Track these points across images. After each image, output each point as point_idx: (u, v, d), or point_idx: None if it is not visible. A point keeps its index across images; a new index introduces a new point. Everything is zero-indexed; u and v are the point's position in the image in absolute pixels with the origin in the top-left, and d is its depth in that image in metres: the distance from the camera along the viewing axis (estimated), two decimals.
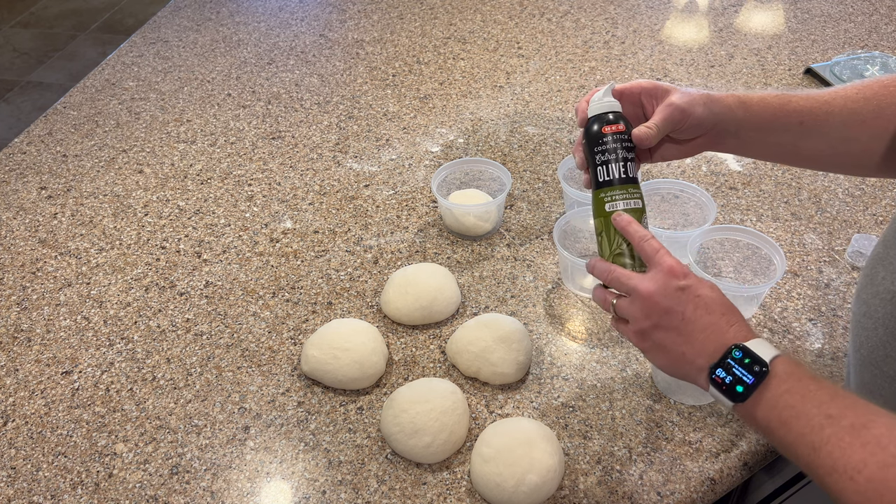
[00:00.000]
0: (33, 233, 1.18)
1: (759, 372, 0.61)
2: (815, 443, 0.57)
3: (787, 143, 0.79)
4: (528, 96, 1.44)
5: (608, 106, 0.77)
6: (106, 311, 1.04)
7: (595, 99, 0.78)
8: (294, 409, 0.90)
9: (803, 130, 0.77)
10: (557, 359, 0.95)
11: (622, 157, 0.76)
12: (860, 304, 0.72)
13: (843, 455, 0.55)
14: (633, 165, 0.76)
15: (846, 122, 0.76)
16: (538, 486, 0.77)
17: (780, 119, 0.77)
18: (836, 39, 1.56)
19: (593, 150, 0.77)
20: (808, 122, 0.77)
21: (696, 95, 0.76)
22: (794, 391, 0.60)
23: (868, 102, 0.75)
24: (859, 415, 0.57)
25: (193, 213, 1.20)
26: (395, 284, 0.99)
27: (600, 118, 0.77)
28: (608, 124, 0.76)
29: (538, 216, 1.16)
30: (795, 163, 0.87)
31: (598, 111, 0.77)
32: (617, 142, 0.76)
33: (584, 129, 0.79)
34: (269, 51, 1.62)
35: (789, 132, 0.78)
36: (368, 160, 1.29)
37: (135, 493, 0.83)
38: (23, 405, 0.93)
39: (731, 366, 0.63)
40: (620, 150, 0.76)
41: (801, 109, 0.77)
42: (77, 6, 4.04)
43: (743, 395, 0.62)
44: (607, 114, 0.77)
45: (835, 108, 0.76)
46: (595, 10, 1.72)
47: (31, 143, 1.37)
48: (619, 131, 0.76)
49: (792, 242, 1.09)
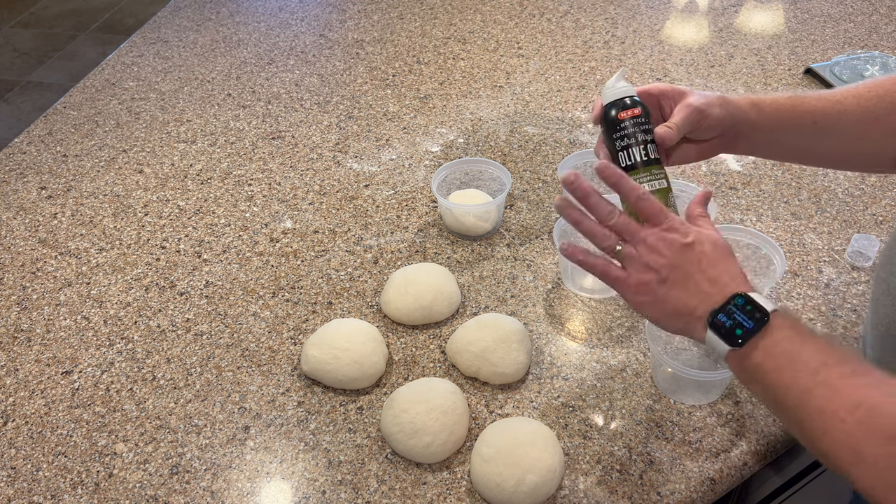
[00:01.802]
0: (33, 233, 1.18)
1: (759, 319, 0.62)
2: (808, 385, 0.58)
3: (801, 144, 0.80)
4: (528, 96, 1.44)
5: (623, 91, 0.77)
6: (106, 311, 1.04)
7: (608, 86, 0.78)
8: (294, 409, 0.90)
9: (817, 130, 0.78)
10: (557, 359, 0.95)
11: (642, 140, 0.76)
12: (879, 282, 0.74)
13: (836, 395, 0.56)
14: (653, 147, 0.76)
15: (860, 119, 0.77)
16: (538, 486, 0.77)
17: (793, 120, 0.78)
18: (836, 39, 1.56)
19: (613, 137, 0.77)
20: (822, 122, 0.78)
21: (712, 97, 0.77)
22: (792, 339, 0.61)
23: (881, 100, 0.76)
24: (855, 364, 0.57)
25: (193, 213, 1.20)
26: (395, 284, 0.99)
27: (616, 104, 0.77)
28: (624, 109, 0.77)
29: (538, 216, 1.16)
30: (809, 162, 0.88)
31: (613, 97, 0.78)
32: (636, 126, 0.76)
33: (602, 118, 0.79)
34: (269, 51, 1.62)
35: (803, 132, 0.78)
36: (368, 160, 1.29)
37: (135, 492, 0.83)
38: (23, 405, 0.93)
39: (733, 311, 0.63)
40: (640, 133, 0.76)
41: (814, 110, 0.78)
42: (77, 6, 4.04)
43: (741, 339, 0.62)
44: (623, 99, 0.77)
45: (848, 107, 0.77)
46: (595, 10, 1.72)
47: (31, 143, 1.37)
48: (636, 115, 0.76)
49: (792, 242, 1.09)
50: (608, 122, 0.77)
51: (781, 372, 0.60)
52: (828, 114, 0.78)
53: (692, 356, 0.92)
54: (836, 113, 0.78)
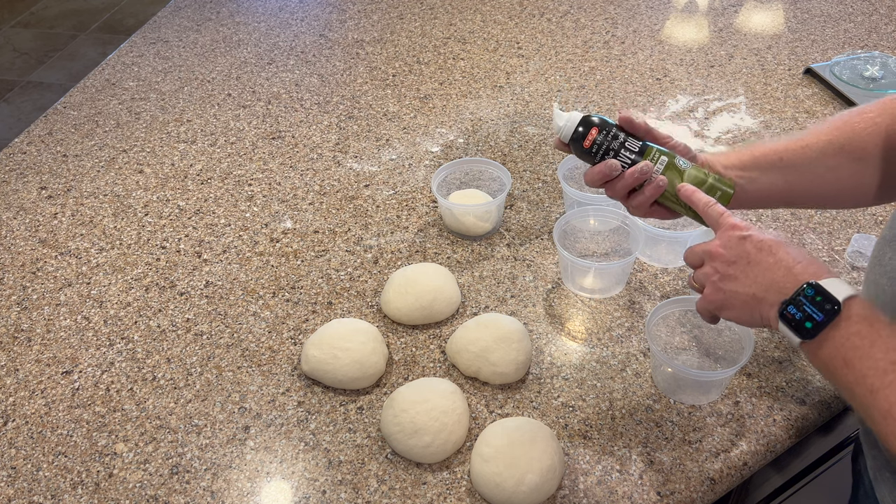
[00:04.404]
0: (33, 233, 1.18)
1: (830, 310, 0.61)
2: (875, 385, 0.57)
3: (778, 182, 0.81)
4: (528, 96, 1.44)
5: (572, 122, 0.81)
6: (106, 311, 1.04)
7: (558, 126, 0.81)
8: (294, 409, 0.90)
9: (784, 166, 0.80)
10: (557, 359, 0.95)
11: (618, 145, 0.79)
12: (869, 284, 0.74)
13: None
14: (632, 140, 0.79)
15: (824, 150, 0.80)
16: (538, 486, 0.77)
17: (757, 159, 0.81)
18: (835, 39, 1.56)
19: (597, 159, 0.80)
20: (788, 158, 0.80)
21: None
22: (863, 334, 0.60)
23: (840, 130, 0.80)
24: None
25: (193, 213, 1.20)
26: (395, 284, 0.99)
27: (575, 138, 0.81)
28: (585, 137, 0.80)
29: (538, 216, 1.16)
30: (799, 203, 0.90)
31: (569, 133, 0.81)
32: (605, 139, 0.79)
33: (576, 153, 0.82)
34: (269, 51, 1.62)
35: (774, 170, 0.80)
36: (368, 160, 1.29)
37: (135, 492, 0.83)
38: (23, 405, 0.93)
39: (802, 303, 0.63)
40: (612, 140, 0.79)
41: (776, 149, 0.81)
42: (77, 6, 4.04)
43: (811, 332, 0.62)
44: (577, 129, 0.80)
45: (809, 142, 0.80)
46: (595, 10, 1.72)
47: (31, 143, 1.37)
48: (597, 134, 0.80)
49: (792, 242, 1.09)
50: (583, 153, 0.81)
51: (850, 368, 0.60)
52: (791, 149, 0.80)
53: (692, 356, 0.92)
54: (798, 148, 0.80)
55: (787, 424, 0.86)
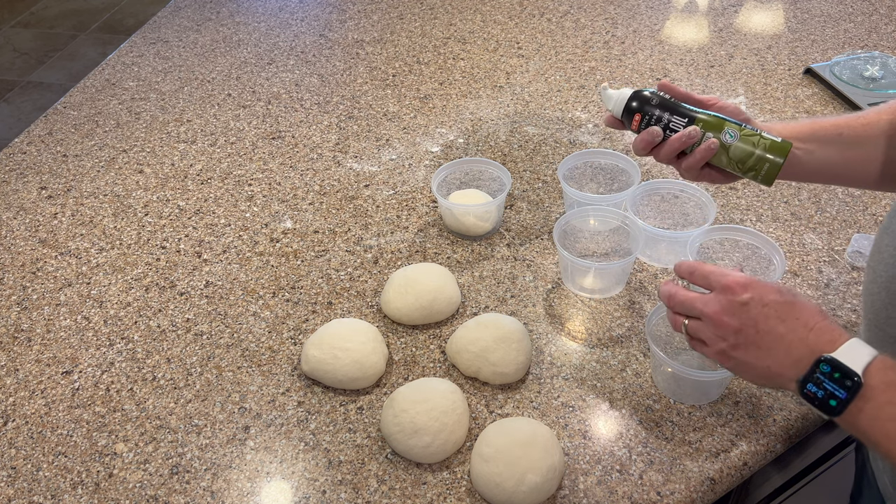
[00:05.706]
0: (33, 233, 1.18)
1: (851, 386, 0.59)
2: None
3: (834, 156, 0.80)
4: (528, 96, 1.44)
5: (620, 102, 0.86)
6: (106, 311, 1.04)
7: (611, 102, 0.86)
8: (294, 409, 0.90)
9: (844, 142, 0.79)
10: (557, 359, 0.95)
11: (668, 119, 0.83)
12: (869, 271, 0.74)
13: None
14: (681, 111, 0.83)
15: (886, 130, 0.79)
16: (538, 486, 0.77)
17: (816, 132, 0.80)
18: (835, 39, 1.56)
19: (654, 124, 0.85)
20: (848, 134, 0.79)
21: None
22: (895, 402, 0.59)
23: None
24: None
25: (193, 213, 1.20)
26: (395, 284, 0.99)
27: (627, 112, 0.86)
28: (635, 112, 0.85)
29: (538, 216, 1.16)
30: (850, 180, 0.88)
31: (621, 109, 0.86)
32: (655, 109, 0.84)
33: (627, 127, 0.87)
34: (269, 51, 1.62)
35: (833, 144, 0.80)
36: (368, 160, 1.29)
37: (135, 492, 0.83)
38: (23, 405, 0.93)
39: (821, 380, 0.61)
40: (663, 113, 0.83)
41: (837, 123, 0.80)
42: (77, 6, 4.04)
43: (837, 410, 0.60)
44: (630, 104, 0.85)
45: (871, 120, 0.79)
46: (595, 10, 1.72)
47: (31, 143, 1.37)
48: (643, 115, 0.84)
49: (792, 242, 1.09)
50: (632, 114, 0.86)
51: (890, 439, 0.58)
52: (852, 126, 0.79)
53: (692, 356, 0.92)
54: (859, 125, 0.79)
55: (787, 424, 0.86)
